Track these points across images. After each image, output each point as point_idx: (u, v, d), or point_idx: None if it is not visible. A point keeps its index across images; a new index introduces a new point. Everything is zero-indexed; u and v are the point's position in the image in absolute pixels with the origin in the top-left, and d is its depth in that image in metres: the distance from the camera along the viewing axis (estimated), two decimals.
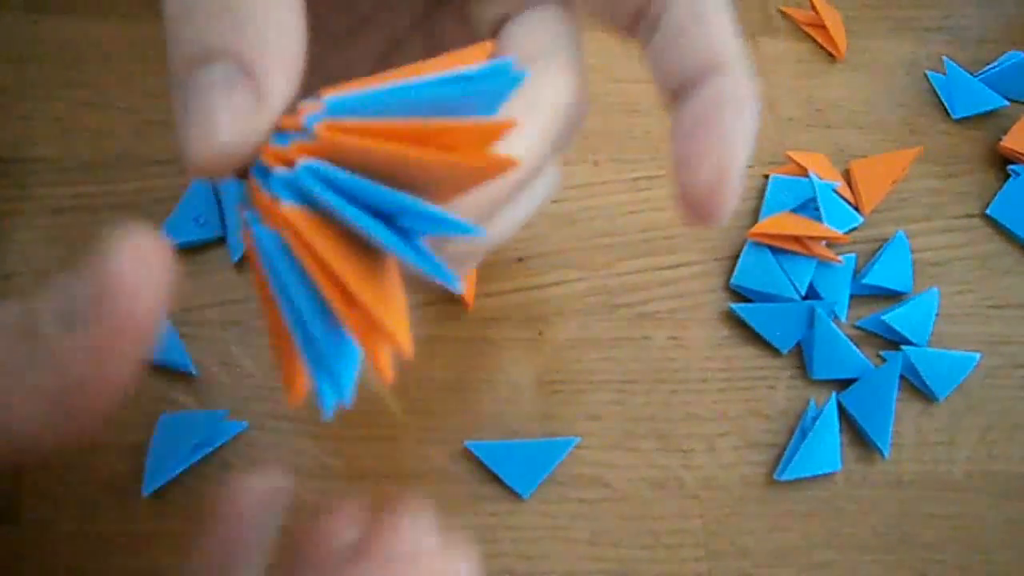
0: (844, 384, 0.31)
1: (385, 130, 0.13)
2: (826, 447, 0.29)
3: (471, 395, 0.30)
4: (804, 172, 0.34)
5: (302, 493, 0.27)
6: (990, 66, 0.38)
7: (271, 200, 0.13)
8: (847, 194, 0.34)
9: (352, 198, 0.13)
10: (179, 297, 0.16)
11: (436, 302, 0.31)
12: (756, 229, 0.32)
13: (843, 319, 0.32)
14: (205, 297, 0.30)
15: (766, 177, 0.34)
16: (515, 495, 0.28)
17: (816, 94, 0.37)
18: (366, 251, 0.14)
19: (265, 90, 0.14)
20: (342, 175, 0.13)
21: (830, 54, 0.38)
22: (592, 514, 0.28)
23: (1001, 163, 0.36)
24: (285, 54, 0.14)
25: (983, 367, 0.32)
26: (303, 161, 0.13)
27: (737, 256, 0.32)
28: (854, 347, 0.31)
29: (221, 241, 0.30)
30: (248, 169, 0.14)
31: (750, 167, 0.35)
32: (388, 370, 0.14)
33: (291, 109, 0.14)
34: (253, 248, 0.14)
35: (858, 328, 0.32)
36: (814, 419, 0.30)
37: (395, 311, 0.14)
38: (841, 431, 0.30)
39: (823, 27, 0.38)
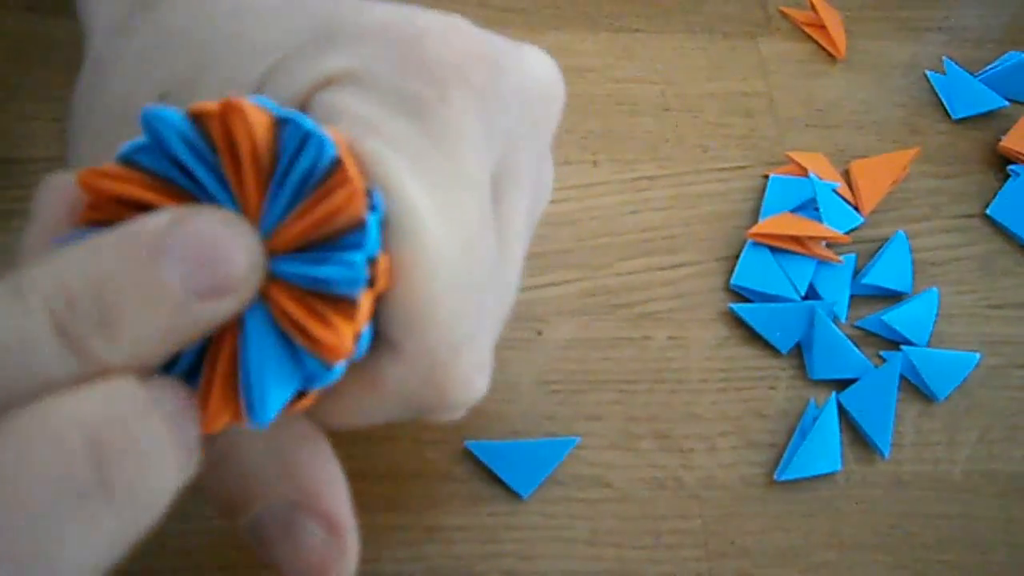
0: (844, 384, 0.31)
1: None
2: (826, 447, 0.29)
3: None
4: (804, 172, 0.34)
5: None
6: (990, 66, 0.38)
7: None
8: (847, 194, 0.34)
9: None
10: None
11: None
12: (756, 229, 0.32)
13: (843, 319, 0.32)
14: None
15: (766, 177, 0.34)
16: (515, 495, 0.28)
17: (816, 94, 0.37)
18: None
19: None
20: None
21: (830, 54, 0.38)
22: (592, 514, 0.28)
23: (1001, 163, 0.36)
24: None
25: (983, 367, 0.32)
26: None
27: (737, 256, 0.32)
28: (854, 347, 0.31)
29: None
30: None
31: (750, 167, 0.35)
32: None
33: None
34: None
35: (858, 328, 0.32)
36: (814, 419, 0.30)
37: None
38: (841, 431, 0.30)
39: (823, 27, 0.38)
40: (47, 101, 0.32)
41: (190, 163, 0.14)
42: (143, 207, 0.14)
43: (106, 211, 0.14)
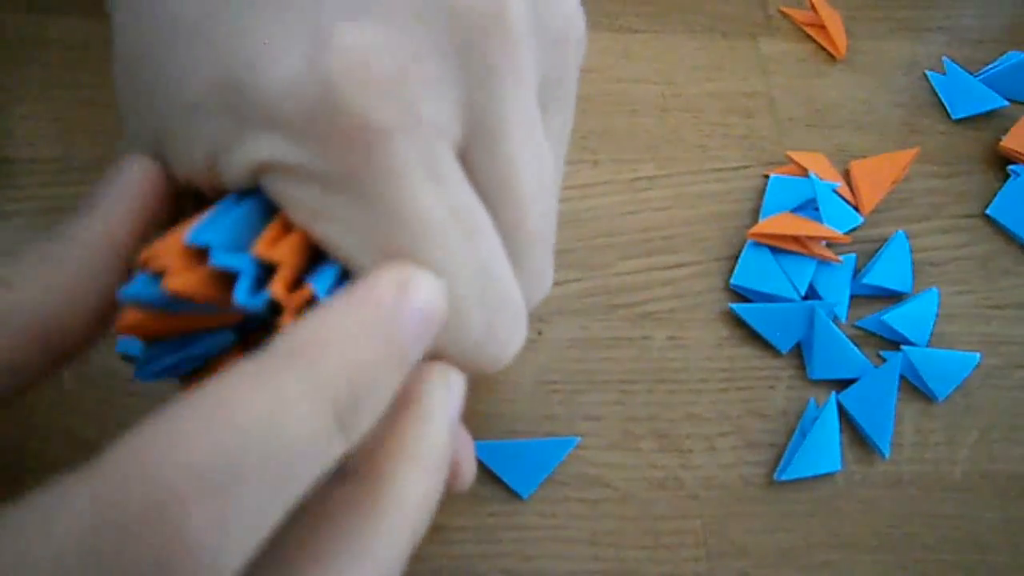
0: (844, 384, 0.31)
1: None
2: (826, 447, 0.29)
3: (471, 395, 0.29)
4: (804, 172, 0.34)
5: None
6: (990, 66, 0.38)
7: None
8: (847, 194, 0.34)
9: None
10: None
11: None
12: (756, 229, 0.32)
13: (843, 319, 0.32)
14: None
15: (766, 177, 0.34)
16: (515, 495, 0.28)
17: (816, 94, 0.37)
18: None
19: None
20: None
21: (830, 54, 0.38)
22: (592, 514, 0.28)
23: (1001, 163, 0.36)
24: None
25: (983, 367, 0.32)
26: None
27: (737, 256, 0.32)
28: (854, 347, 0.31)
29: None
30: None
31: (750, 167, 0.35)
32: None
33: None
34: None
35: (858, 328, 0.32)
36: (814, 419, 0.30)
37: None
38: (841, 431, 0.30)
39: (823, 27, 0.38)
40: (47, 101, 0.32)
41: (179, 307, 0.16)
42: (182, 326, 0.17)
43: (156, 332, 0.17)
